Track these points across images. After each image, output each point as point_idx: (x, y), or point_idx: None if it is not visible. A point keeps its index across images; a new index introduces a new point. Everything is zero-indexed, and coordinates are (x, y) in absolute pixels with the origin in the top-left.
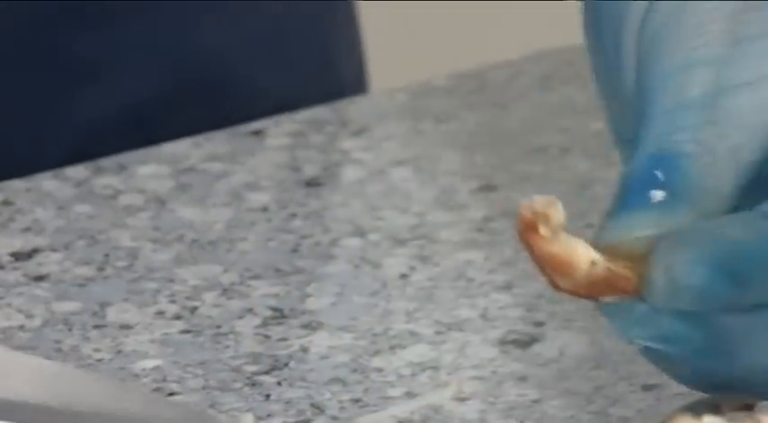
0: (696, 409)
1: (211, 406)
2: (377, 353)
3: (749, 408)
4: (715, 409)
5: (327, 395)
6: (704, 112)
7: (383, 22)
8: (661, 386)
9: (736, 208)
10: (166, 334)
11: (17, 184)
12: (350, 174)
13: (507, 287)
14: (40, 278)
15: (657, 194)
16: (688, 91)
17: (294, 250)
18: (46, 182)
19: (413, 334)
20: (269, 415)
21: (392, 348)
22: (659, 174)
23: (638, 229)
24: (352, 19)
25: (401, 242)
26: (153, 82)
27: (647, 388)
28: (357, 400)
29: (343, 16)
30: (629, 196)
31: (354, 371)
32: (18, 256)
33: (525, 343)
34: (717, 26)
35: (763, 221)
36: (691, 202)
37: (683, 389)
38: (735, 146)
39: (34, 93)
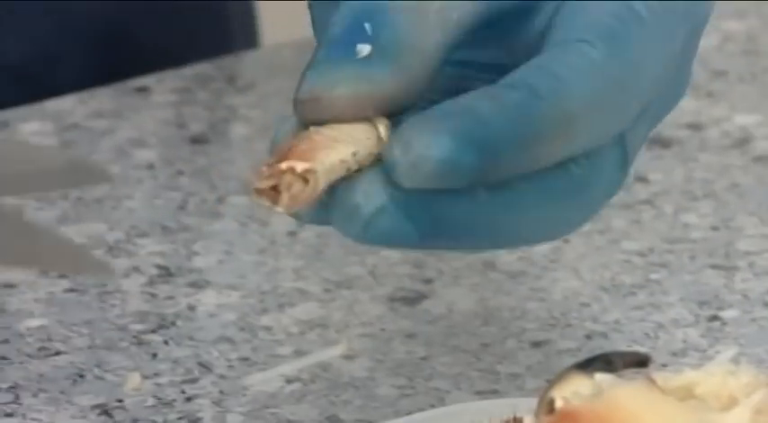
0: (588, 366)
1: (98, 365)
2: (265, 311)
3: (642, 364)
4: (607, 366)
5: (215, 354)
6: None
7: None
8: (550, 342)
9: (443, 67)
10: (51, 293)
11: None
12: (236, 130)
13: None
14: None
15: (364, 49)
16: None
17: (181, 208)
18: None
19: (301, 292)
20: (156, 374)
21: (280, 306)
22: (368, 27)
23: (340, 82)
24: None
25: None
26: (36, 38)
27: (536, 345)
28: (245, 359)
29: None
30: (333, 47)
31: (242, 329)
32: None
33: (414, 300)
34: None
35: (508, 92)
36: (396, 59)
37: (572, 345)
38: (443, 5)
39: None
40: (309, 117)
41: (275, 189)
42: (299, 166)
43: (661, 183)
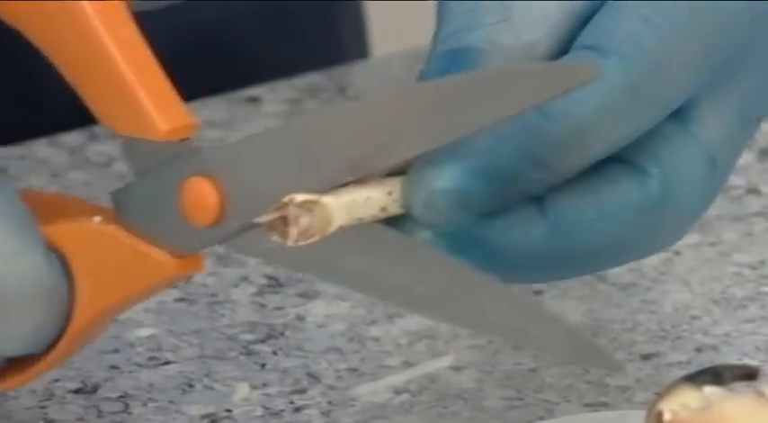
0: (697, 379)
1: (207, 375)
2: (374, 322)
3: (751, 377)
4: (716, 379)
5: (324, 364)
6: (499, 10)
7: None
8: (660, 355)
9: None
10: (161, 302)
11: (11, 151)
12: None
13: None
14: None
15: None
16: None
17: None
18: (40, 149)
19: None
20: (265, 384)
21: (389, 317)
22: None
23: None
24: None
25: None
26: (151, 49)
27: (646, 357)
28: (354, 370)
29: None
30: None
31: (351, 340)
32: None
33: None
34: None
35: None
36: None
37: (682, 358)
38: (528, 42)
39: (30, 59)
40: None
41: (287, 224)
42: (299, 197)
43: None
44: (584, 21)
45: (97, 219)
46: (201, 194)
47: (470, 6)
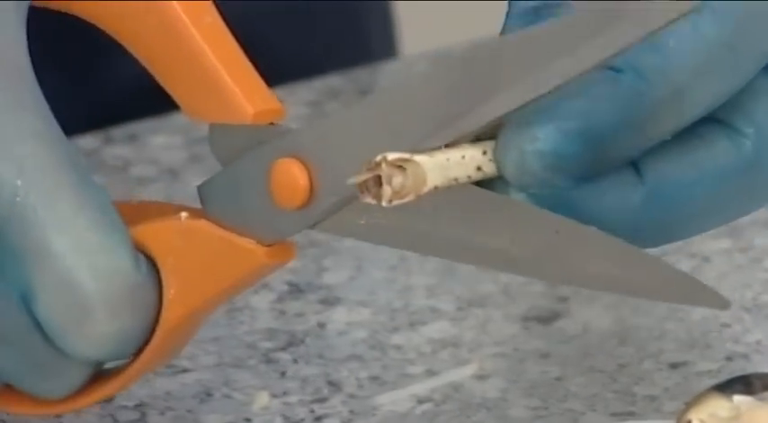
0: (727, 388)
1: (225, 384)
2: (396, 329)
3: None
4: (746, 388)
5: (345, 372)
6: None
7: None
8: (688, 364)
9: None
10: None
11: None
12: None
13: None
14: None
15: None
16: None
17: None
18: None
19: (433, 310)
20: (285, 393)
21: (412, 324)
22: None
23: None
24: None
25: None
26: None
27: (674, 366)
28: (375, 378)
29: None
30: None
31: (373, 347)
32: None
33: (548, 319)
34: None
35: (613, 77)
36: None
37: (712, 366)
38: None
39: (47, 63)
40: None
41: (380, 184)
42: (392, 155)
43: None
44: None
45: (184, 214)
46: (290, 176)
47: None
